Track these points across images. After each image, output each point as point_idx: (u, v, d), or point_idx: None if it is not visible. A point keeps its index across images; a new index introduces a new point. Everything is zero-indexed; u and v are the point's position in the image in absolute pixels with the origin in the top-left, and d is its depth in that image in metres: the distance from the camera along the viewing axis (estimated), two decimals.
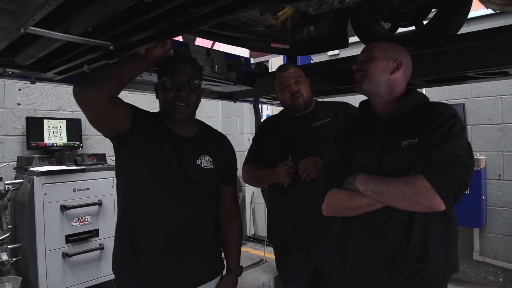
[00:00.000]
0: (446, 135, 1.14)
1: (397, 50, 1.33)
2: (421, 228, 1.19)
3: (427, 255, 1.18)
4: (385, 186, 1.16)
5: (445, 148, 1.12)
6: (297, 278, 1.88)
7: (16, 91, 3.27)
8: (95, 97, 1.18)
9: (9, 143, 3.22)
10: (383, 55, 1.31)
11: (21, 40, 1.21)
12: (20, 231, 2.92)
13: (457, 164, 1.09)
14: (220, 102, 4.98)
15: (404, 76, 1.33)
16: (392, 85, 1.30)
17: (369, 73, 1.31)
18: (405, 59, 1.33)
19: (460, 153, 1.11)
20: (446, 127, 1.15)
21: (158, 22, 0.88)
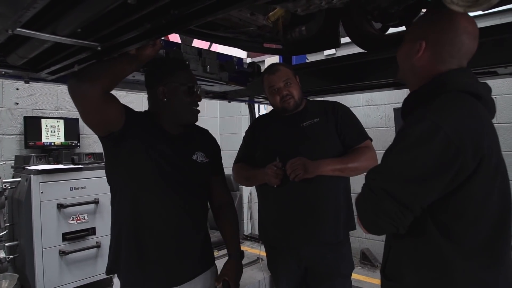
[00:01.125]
0: (386, 152, 0.98)
1: (428, 25, 1.04)
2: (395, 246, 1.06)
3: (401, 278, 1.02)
4: None
5: (376, 166, 1.00)
6: (289, 278, 1.88)
7: (14, 90, 3.30)
8: (90, 90, 1.20)
9: (7, 142, 3.26)
10: (409, 36, 1.08)
11: (12, 41, 1.23)
12: (18, 229, 2.95)
13: (369, 188, 0.96)
14: (218, 102, 5.01)
15: (435, 58, 1.02)
16: (418, 73, 1.05)
17: (398, 61, 1.13)
18: (435, 36, 1.01)
19: (377, 176, 0.96)
20: (394, 141, 0.97)
21: (142, 24, 0.90)
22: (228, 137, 5.00)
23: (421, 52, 1.02)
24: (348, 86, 2.06)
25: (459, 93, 0.98)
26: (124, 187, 1.41)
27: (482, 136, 0.93)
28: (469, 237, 0.95)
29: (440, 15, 1.01)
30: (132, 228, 1.39)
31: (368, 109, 3.87)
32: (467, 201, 0.94)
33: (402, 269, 1.03)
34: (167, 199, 1.40)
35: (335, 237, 1.76)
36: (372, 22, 1.79)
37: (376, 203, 0.93)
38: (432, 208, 0.94)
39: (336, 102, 1.92)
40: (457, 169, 0.89)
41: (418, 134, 0.92)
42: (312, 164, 1.67)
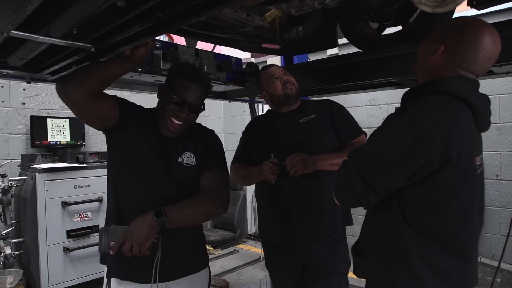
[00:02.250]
0: (371, 135, 1.11)
1: (451, 29, 1.06)
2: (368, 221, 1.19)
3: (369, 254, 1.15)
4: None
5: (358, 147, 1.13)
6: (285, 276, 1.90)
7: (21, 90, 3.37)
8: (74, 94, 1.24)
9: (14, 141, 3.33)
10: (434, 35, 1.10)
11: (10, 43, 1.28)
12: (23, 226, 3.02)
13: (345, 165, 1.08)
14: (222, 102, 5.04)
15: (447, 63, 1.05)
16: (427, 72, 1.10)
17: (417, 53, 1.17)
18: (453, 41, 1.04)
19: (353, 156, 1.08)
20: (379, 127, 1.09)
21: (131, 26, 0.93)
22: (232, 137, 5.01)
23: (437, 54, 1.06)
24: (346, 86, 2.07)
25: (450, 97, 1.03)
26: (111, 180, 1.45)
27: (455, 139, 0.98)
28: (431, 229, 1.04)
29: (469, 26, 1.03)
30: (116, 220, 1.40)
31: (371, 108, 3.86)
32: (430, 195, 1.03)
33: (369, 247, 1.15)
34: (148, 195, 1.39)
35: (332, 232, 1.78)
36: (369, 22, 1.80)
37: (347, 178, 1.05)
38: (399, 195, 1.05)
39: (330, 100, 1.94)
40: (422, 162, 0.97)
41: (396, 125, 1.02)
42: (310, 159, 1.70)
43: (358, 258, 1.17)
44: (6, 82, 3.28)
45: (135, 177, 1.40)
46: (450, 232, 1.04)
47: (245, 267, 3.67)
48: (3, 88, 3.28)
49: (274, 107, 1.94)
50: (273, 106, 1.93)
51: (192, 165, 1.47)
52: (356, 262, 1.19)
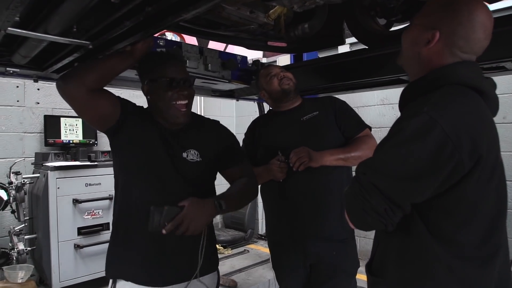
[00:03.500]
0: (379, 145, 0.94)
1: (443, 13, 0.95)
2: (383, 241, 1.04)
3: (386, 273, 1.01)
4: None
5: (367, 160, 0.94)
6: (293, 276, 1.86)
7: (35, 90, 3.45)
8: (74, 89, 1.24)
9: (28, 140, 3.41)
10: (420, 22, 0.99)
11: (13, 41, 1.30)
12: (36, 222, 3.08)
13: (360, 182, 0.91)
14: (234, 102, 5.04)
15: (447, 50, 0.95)
16: (423, 63, 0.98)
17: (402, 45, 1.05)
18: (450, 26, 0.93)
19: (368, 170, 0.91)
20: (388, 134, 0.93)
21: (122, 21, 0.93)
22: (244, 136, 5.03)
23: (433, 43, 0.95)
24: (353, 84, 2.03)
25: (460, 87, 0.92)
26: (118, 179, 1.44)
27: (481, 134, 0.87)
28: (459, 237, 0.91)
29: (459, 4, 0.93)
30: (121, 221, 1.40)
31: (383, 108, 3.79)
32: (459, 201, 0.90)
33: (387, 265, 1.00)
34: (155, 194, 1.36)
35: (341, 231, 1.74)
36: (376, 18, 1.76)
37: (365, 198, 0.88)
38: (421, 205, 0.90)
39: (331, 96, 1.93)
40: (452, 168, 0.84)
41: (413, 129, 0.86)
42: (316, 153, 1.67)
43: (374, 278, 1.04)
44: (21, 82, 3.36)
45: (141, 176, 1.38)
46: (480, 240, 0.92)
47: (255, 267, 3.66)
48: (18, 88, 3.36)
49: (274, 104, 1.91)
50: (273, 103, 1.91)
51: (197, 161, 1.43)
52: (371, 281, 1.06)
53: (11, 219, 3.16)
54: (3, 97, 3.30)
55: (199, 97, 4.76)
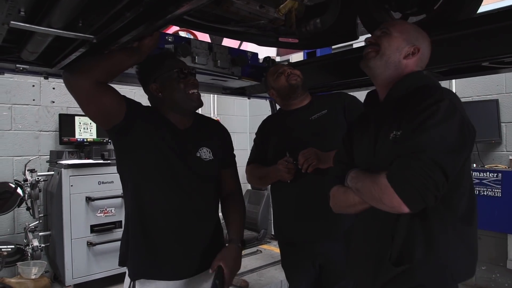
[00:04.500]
0: (419, 126, 1.01)
1: (417, 35, 1.21)
2: (404, 229, 1.08)
3: (411, 259, 1.06)
4: (361, 184, 1.11)
5: (413, 141, 1.00)
6: (303, 276, 1.85)
7: (50, 89, 3.50)
8: (79, 82, 1.23)
9: (44, 138, 3.46)
10: (401, 36, 1.19)
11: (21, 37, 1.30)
12: (50, 219, 3.13)
13: (420, 160, 0.96)
14: (247, 101, 5.01)
15: (418, 64, 1.21)
16: (401, 69, 1.18)
17: (382, 49, 1.19)
18: (424, 47, 1.21)
19: (427, 147, 0.97)
20: (422, 116, 1.01)
21: (123, 13, 0.90)
22: None
23: (415, 56, 1.18)
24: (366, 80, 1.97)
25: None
26: (130, 179, 1.43)
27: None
28: (460, 204, 1.08)
29: (422, 31, 1.23)
30: (138, 219, 1.40)
31: None
32: (463, 175, 1.08)
33: (414, 250, 1.06)
34: (170, 192, 1.39)
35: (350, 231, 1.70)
36: (390, 12, 1.71)
37: (428, 175, 0.94)
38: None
39: (341, 92, 1.89)
40: (470, 144, 1.05)
41: (444, 110, 1.01)
42: (324, 154, 1.65)
43: (398, 268, 1.08)
44: (37, 81, 3.41)
45: (156, 176, 1.38)
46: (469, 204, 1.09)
47: (267, 267, 3.63)
48: (34, 87, 3.41)
49: (282, 103, 1.89)
50: (282, 102, 1.89)
51: (210, 160, 1.47)
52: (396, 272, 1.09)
53: (26, 215, 3.21)
54: (20, 96, 3.35)
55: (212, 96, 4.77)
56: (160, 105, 1.45)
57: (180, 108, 1.44)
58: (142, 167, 1.39)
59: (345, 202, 1.20)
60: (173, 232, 1.40)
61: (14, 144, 3.32)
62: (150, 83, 1.41)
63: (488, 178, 2.87)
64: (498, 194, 2.82)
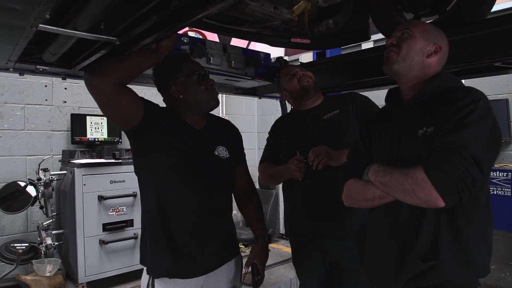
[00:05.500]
0: (458, 123, 1.02)
1: (437, 34, 1.24)
2: (431, 224, 1.09)
3: (438, 254, 1.07)
4: (389, 178, 1.10)
5: (452, 137, 1.01)
6: (313, 273, 1.87)
7: (62, 90, 3.55)
8: (100, 83, 1.26)
9: (56, 138, 3.51)
10: (422, 35, 1.20)
11: (44, 39, 1.33)
12: (63, 218, 3.17)
13: (460, 155, 0.97)
14: (256, 101, 5.04)
15: (439, 62, 1.23)
16: (425, 69, 1.20)
17: (403, 51, 1.20)
18: (444, 45, 1.23)
19: (467, 144, 0.99)
20: (460, 114, 1.03)
21: (149, 16, 0.93)
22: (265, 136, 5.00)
23: (438, 54, 1.20)
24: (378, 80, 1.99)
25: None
26: (150, 179, 1.46)
27: None
28: (481, 202, 1.11)
29: (442, 31, 1.26)
30: (159, 219, 1.43)
31: None
32: (488, 174, 1.10)
33: (441, 245, 1.07)
34: (190, 191, 1.43)
35: None
36: (402, 13, 1.72)
37: (467, 171, 0.96)
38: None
39: (353, 92, 1.91)
40: (500, 145, 1.10)
41: (481, 110, 1.04)
42: (335, 152, 1.67)
43: (425, 264, 1.09)
44: (49, 81, 3.46)
45: (176, 177, 1.42)
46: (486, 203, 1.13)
47: (276, 266, 3.64)
48: (46, 87, 3.46)
49: (295, 103, 1.92)
50: (294, 103, 1.92)
51: (227, 157, 1.53)
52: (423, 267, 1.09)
53: (39, 214, 3.26)
54: (32, 96, 3.40)
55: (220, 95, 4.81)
56: (178, 106, 1.48)
57: (200, 109, 1.49)
58: (162, 168, 1.42)
59: (363, 195, 1.21)
60: (193, 230, 1.44)
61: (27, 143, 3.37)
62: (170, 85, 1.44)
63: (498, 177, 2.86)
64: (508, 194, 2.82)
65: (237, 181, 1.66)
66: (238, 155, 1.64)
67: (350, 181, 1.27)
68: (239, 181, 1.67)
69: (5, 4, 0.87)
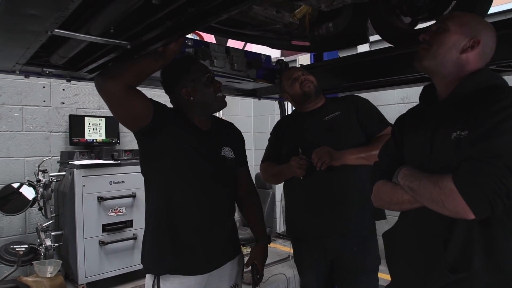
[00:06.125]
0: (494, 128, 0.94)
1: (479, 26, 1.12)
2: (462, 234, 1.02)
3: (468, 266, 1.00)
4: (418, 184, 1.05)
5: (486, 144, 0.93)
6: (313, 271, 1.90)
7: (60, 91, 3.54)
8: (111, 86, 1.29)
9: (54, 139, 3.50)
10: (459, 29, 1.11)
11: (53, 42, 1.35)
12: (62, 219, 3.17)
13: (493, 165, 0.90)
14: (252, 101, 5.07)
15: (480, 57, 1.11)
16: (461, 66, 1.11)
17: (434, 48, 1.13)
18: (485, 38, 1.11)
19: (503, 152, 0.91)
20: (496, 119, 0.94)
21: (164, 22, 0.96)
22: (262, 136, 5.05)
23: (475, 49, 1.09)
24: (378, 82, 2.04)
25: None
26: (157, 179, 1.49)
27: None
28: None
29: (487, 23, 1.15)
30: (165, 218, 1.46)
31: (403, 106, 3.76)
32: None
33: (472, 258, 1.00)
34: (197, 191, 1.47)
35: (361, 228, 1.77)
36: (401, 16, 1.76)
37: (502, 182, 0.89)
38: None
39: (354, 95, 1.95)
40: None
41: None
42: (337, 153, 1.71)
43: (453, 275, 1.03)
44: (47, 82, 3.46)
45: (184, 177, 1.46)
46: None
47: (274, 265, 3.68)
48: (44, 88, 3.46)
49: (297, 106, 1.97)
50: (296, 105, 1.97)
51: (233, 158, 1.58)
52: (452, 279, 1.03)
53: (37, 215, 3.26)
54: (31, 97, 3.40)
55: None
56: (187, 108, 1.51)
57: (209, 110, 1.55)
58: (170, 168, 1.45)
59: (392, 198, 1.16)
60: (198, 230, 1.47)
61: (25, 145, 3.36)
62: (181, 87, 1.48)
63: None
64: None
65: (239, 182, 1.70)
66: (241, 157, 1.68)
67: (379, 182, 1.22)
68: (241, 182, 1.71)
69: (25, 11, 0.90)
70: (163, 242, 1.46)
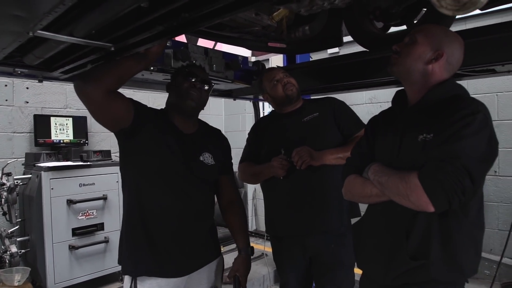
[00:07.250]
0: (455, 133, 1.06)
1: (445, 39, 1.21)
2: (422, 226, 1.15)
3: (427, 254, 1.13)
4: (387, 179, 1.16)
5: (448, 147, 1.05)
6: (294, 269, 1.95)
7: (24, 89, 3.38)
8: (92, 90, 1.27)
9: (17, 140, 3.34)
10: (425, 41, 1.20)
11: (29, 42, 1.30)
12: (28, 224, 3.02)
13: (453, 165, 1.02)
14: (223, 100, 5.07)
15: (445, 68, 1.21)
16: (426, 75, 1.21)
17: (402, 57, 1.24)
18: (450, 50, 1.20)
19: (462, 155, 1.03)
20: (458, 125, 1.06)
21: (154, 26, 0.96)
22: (233, 135, 5.04)
23: (439, 61, 1.19)
24: (351, 84, 2.11)
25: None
26: (132, 179, 1.48)
27: None
28: (474, 209, 1.15)
29: (454, 35, 1.23)
30: (139, 219, 1.45)
31: (372, 106, 3.91)
32: (482, 183, 1.14)
33: (430, 246, 1.13)
34: (169, 193, 1.46)
35: (339, 225, 1.83)
36: (374, 21, 1.84)
37: (459, 180, 1.01)
38: None
39: (331, 97, 2.01)
40: (496, 157, 1.12)
41: (479, 122, 1.07)
42: (317, 153, 1.76)
43: (414, 262, 1.16)
44: (9, 80, 3.28)
45: (159, 179, 1.45)
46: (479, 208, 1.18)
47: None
48: (6, 87, 3.28)
49: (277, 107, 2.00)
50: (276, 107, 2.00)
51: (212, 165, 1.56)
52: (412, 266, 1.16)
53: (1, 221, 3.09)
54: None
55: None
56: (170, 107, 1.54)
57: (180, 109, 1.52)
58: (146, 169, 1.45)
59: (361, 192, 1.26)
60: (174, 232, 1.46)
61: None
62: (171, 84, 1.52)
63: None
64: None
65: (222, 191, 1.70)
66: (225, 165, 1.67)
67: (350, 176, 1.33)
68: (225, 191, 1.70)
69: (9, 11, 0.87)
70: (139, 243, 1.45)
